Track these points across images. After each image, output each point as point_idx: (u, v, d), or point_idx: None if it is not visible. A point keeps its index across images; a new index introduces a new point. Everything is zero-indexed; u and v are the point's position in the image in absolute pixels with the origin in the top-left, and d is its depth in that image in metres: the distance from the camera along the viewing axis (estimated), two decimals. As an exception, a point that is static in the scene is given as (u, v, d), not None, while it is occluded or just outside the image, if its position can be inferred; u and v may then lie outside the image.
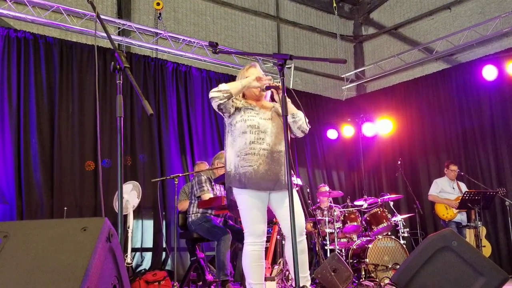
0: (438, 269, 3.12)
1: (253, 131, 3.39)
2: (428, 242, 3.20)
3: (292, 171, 5.28)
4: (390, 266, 6.31)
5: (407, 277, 3.11)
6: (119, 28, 8.03)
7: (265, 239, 3.52)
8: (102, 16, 7.59)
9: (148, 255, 7.46)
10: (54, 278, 1.53)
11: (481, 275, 3.06)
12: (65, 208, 6.30)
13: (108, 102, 7.47)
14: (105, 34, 7.55)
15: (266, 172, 3.34)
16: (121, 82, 2.79)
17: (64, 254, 1.61)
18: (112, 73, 2.75)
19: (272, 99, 3.74)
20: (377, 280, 5.87)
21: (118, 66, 2.74)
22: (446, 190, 7.48)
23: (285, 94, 3.05)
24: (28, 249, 1.65)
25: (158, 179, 6.60)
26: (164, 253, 7.54)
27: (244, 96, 3.64)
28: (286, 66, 3.12)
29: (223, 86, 3.40)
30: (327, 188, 7.70)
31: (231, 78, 9.02)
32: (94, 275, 1.59)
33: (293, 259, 2.76)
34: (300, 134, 3.59)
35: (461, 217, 7.40)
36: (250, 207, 3.37)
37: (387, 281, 3.05)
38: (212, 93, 3.40)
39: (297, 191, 3.58)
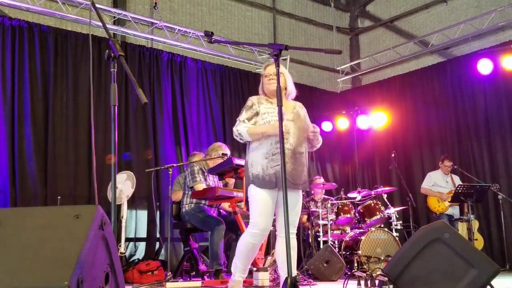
0: (429, 261, 3.13)
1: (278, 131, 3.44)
2: (420, 234, 3.21)
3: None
4: (382, 258, 6.35)
5: (399, 268, 3.12)
6: (114, 17, 7.99)
7: (267, 234, 3.64)
8: (97, 5, 7.56)
9: (142, 245, 7.46)
10: (46, 266, 1.53)
11: (472, 267, 3.08)
12: (59, 197, 6.29)
13: (102, 92, 7.43)
14: (100, 23, 7.52)
15: (292, 171, 3.43)
16: (116, 70, 2.79)
17: (56, 242, 1.61)
18: (107, 61, 2.75)
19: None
20: (370, 271, 5.90)
21: (112, 54, 2.74)
22: (439, 183, 7.51)
23: (280, 85, 3.08)
24: (20, 236, 1.64)
25: (152, 169, 6.59)
26: (157, 243, 7.54)
27: (264, 93, 3.74)
28: (282, 57, 3.15)
29: (244, 133, 3.53)
30: (322, 180, 7.71)
31: (226, 69, 9.01)
32: (86, 263, 1.59)
33: (286, 254, 2.80)
34: (312, 150, 3.71)
35: (453, 210, 7.44)
36: (262, 202, 3.48)
37: (379, 272, 3.06)
38: (236, 131, 3.59)
39: None
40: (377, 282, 3.09)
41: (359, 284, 3.40)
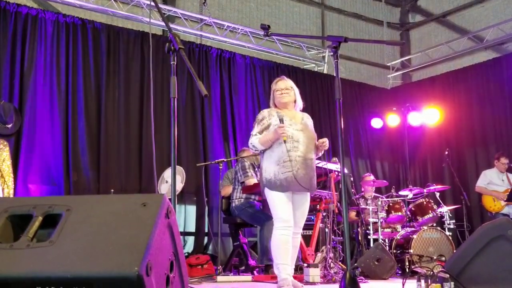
0: (492, 258, 3.03)
1: (288, 140, 3.77)
2: (483, 231, 3.11)
3: (336, 158, 5.27)
4: (435, 258, 6.19)
5: (461, 265, 3.03)
6: (164, 14, 8.07)
7: (293, 225, 3.86)
8: (147, 2, 7.65)
9: (191, 239, 7.53)
10: (116, 251, 1.54)
11: (538, 266, 2.96)
12: (112, 190, 6.40)
13: (152, 87, 7.52)
14: (152, 20, 7.50)
15: (304, 176, 3.78)
16: (175, 63, 2.83)
17: (125, 228, 1.63)
18: (157, 58, 2.78)
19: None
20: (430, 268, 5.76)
21: (172, 48, 2.77)
22: (494, 182, 7.30)
23: (339, 78, 3.05)
24: (90, 223, 1.67)
25: (203, 163, 6.62)
26: (206, 238, 7.59)
27: (275, 105, 4.12)
28: (329, 54, 3.19)
29: (256, 144, 3.90)
30: (372, 178, 7.58)
31: (274, 65, 8.99)
32: (154, 250, 1.60)
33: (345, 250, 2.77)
34: (317, 157, 4.09)
35: (509, 209, 7.21)
36: (278, 199, 3.81)
37: (440, 268, 2.98)
38: (250, 145, 3.98)
39: (339, 178, 3.91)
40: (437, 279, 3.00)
41: (419, 281, 3.30)
